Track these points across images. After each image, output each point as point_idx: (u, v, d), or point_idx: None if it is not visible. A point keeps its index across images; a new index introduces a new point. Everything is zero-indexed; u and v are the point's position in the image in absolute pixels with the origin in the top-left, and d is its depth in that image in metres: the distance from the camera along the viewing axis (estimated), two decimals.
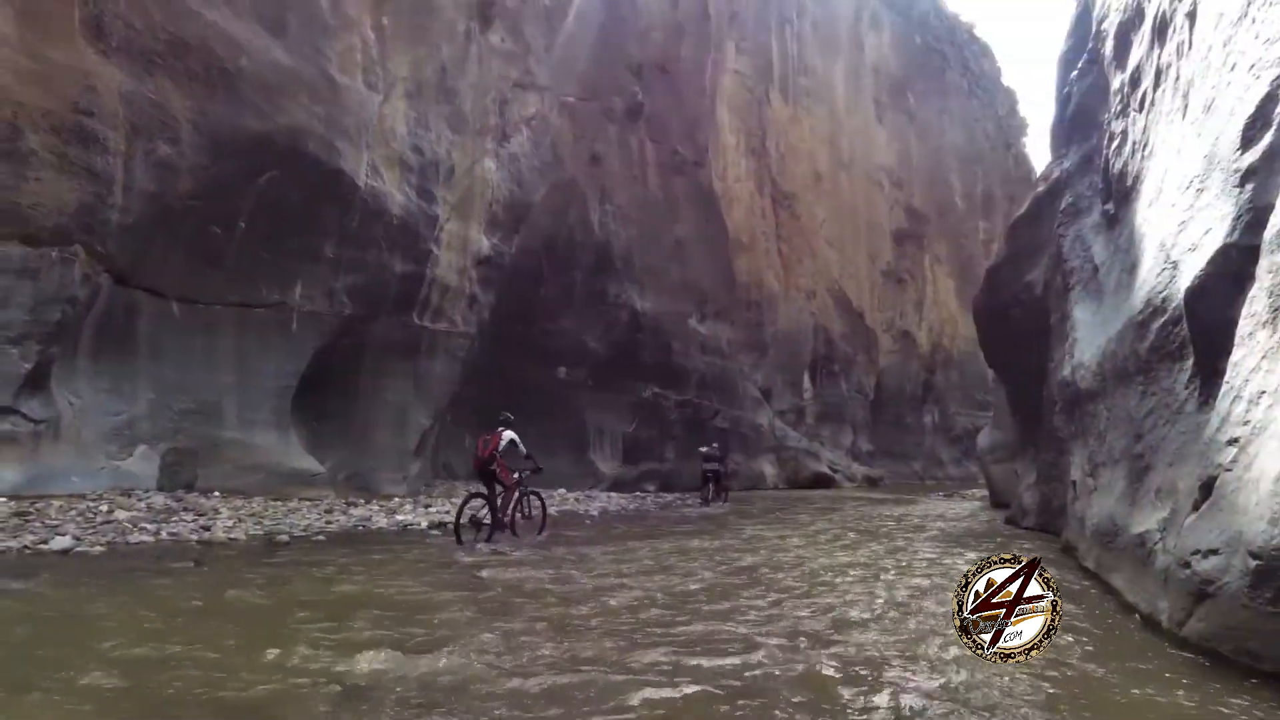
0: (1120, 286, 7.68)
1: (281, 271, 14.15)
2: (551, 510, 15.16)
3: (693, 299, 26.74)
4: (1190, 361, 5.26)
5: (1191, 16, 5.97)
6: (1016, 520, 13.02)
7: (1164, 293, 5.65)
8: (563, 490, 19.30)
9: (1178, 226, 5.52)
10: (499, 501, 10.27)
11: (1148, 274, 6.22)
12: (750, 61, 33.59)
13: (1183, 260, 5.33)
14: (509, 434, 10.47)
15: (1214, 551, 4.34)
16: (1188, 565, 4.62)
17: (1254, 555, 3.90)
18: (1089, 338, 8.77)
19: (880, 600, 6.17)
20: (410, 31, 15.95)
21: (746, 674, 4.10)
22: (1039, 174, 13.55)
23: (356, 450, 16.32)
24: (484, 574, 7.25)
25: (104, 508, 9.89)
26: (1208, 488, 4.62)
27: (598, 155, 22.11)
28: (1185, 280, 5.16)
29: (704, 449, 19.92)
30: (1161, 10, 6.77)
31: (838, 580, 7.10)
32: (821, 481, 29.87)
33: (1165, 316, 5.61)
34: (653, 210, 24.93)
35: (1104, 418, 7.70)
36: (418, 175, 16.09)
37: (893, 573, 7.57)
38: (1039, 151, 66.85)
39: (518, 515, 10.77)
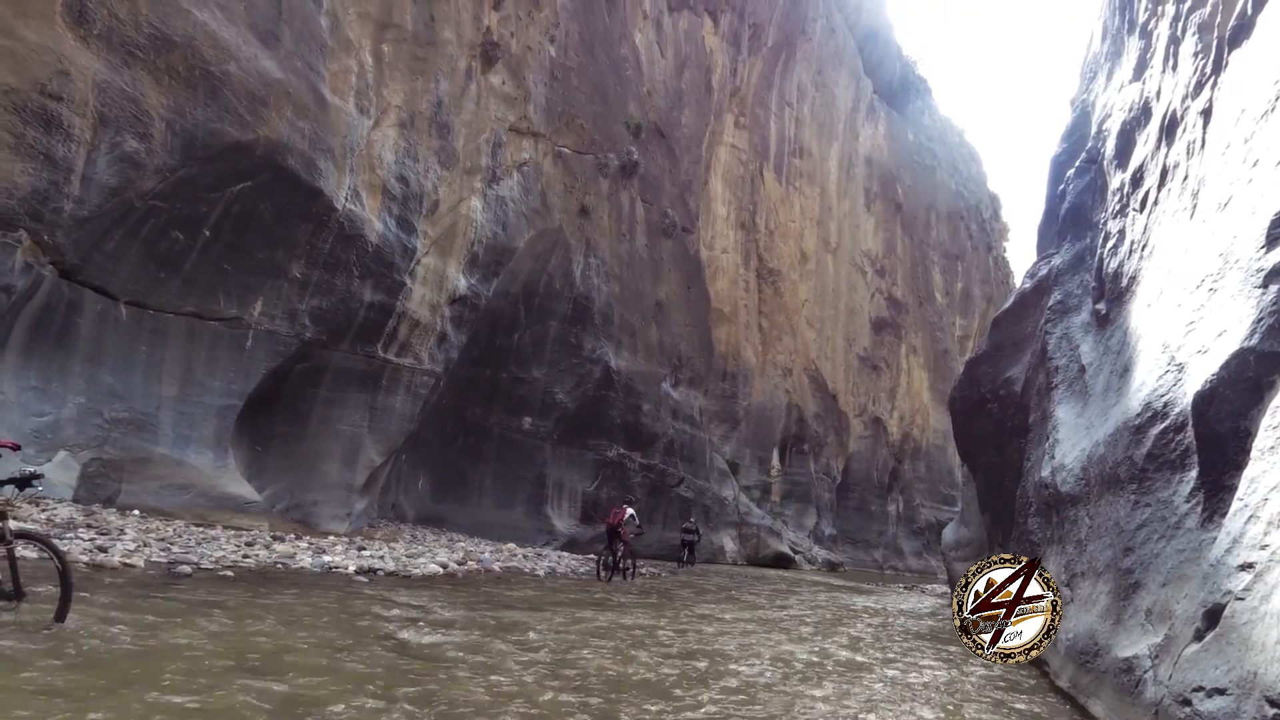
0: (1110, 389, 7.33)
1: (243, 285, 13.55)
2: (496, 566, 14.50)
3: (668, 363, 26.38)
4: (1194, 473, 4.82)
5: (1206, 114, 5.78)
6: None
7: (1166, 397, 5.27)
8: (513, 545, 18.40)
9: (1185, 327, 5.17)
10: (619, 553, 15.38)
11: (1146, 376, 5.85)
12: (748, 137, 34.20)
13: (1190, 363, 4.96)
14: (630, 510, 15.85)
15: (1220, 691, 3.81)
16: (1188, 703, 4.07)
17: (1272, 702, 3.38)
18: (1072, 439, 8.37)
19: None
20: (410, 62, 15.80)
21: None
22: (1025, 271, 13.47)
23: (299, 481, 15.46)
24: (404, 635, 6.49)
25: None
26: (1213, 616, 4.11)
27: (587, 208, 21.96)
28: (1193, 384, 4.77)
29: (686, 523, 23.00)
30: (1171, 109, 6.62)
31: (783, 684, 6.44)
32: (782, 561, 29.15)
33: (1166, 422, 5.21)
34: (637, 269, 24.75)
35: (1085, 525, 7.23)
36: (400, 205, 15.71)
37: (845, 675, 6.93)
38: (1018, 258, 68.58)
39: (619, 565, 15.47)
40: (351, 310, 15.23)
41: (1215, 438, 4.59)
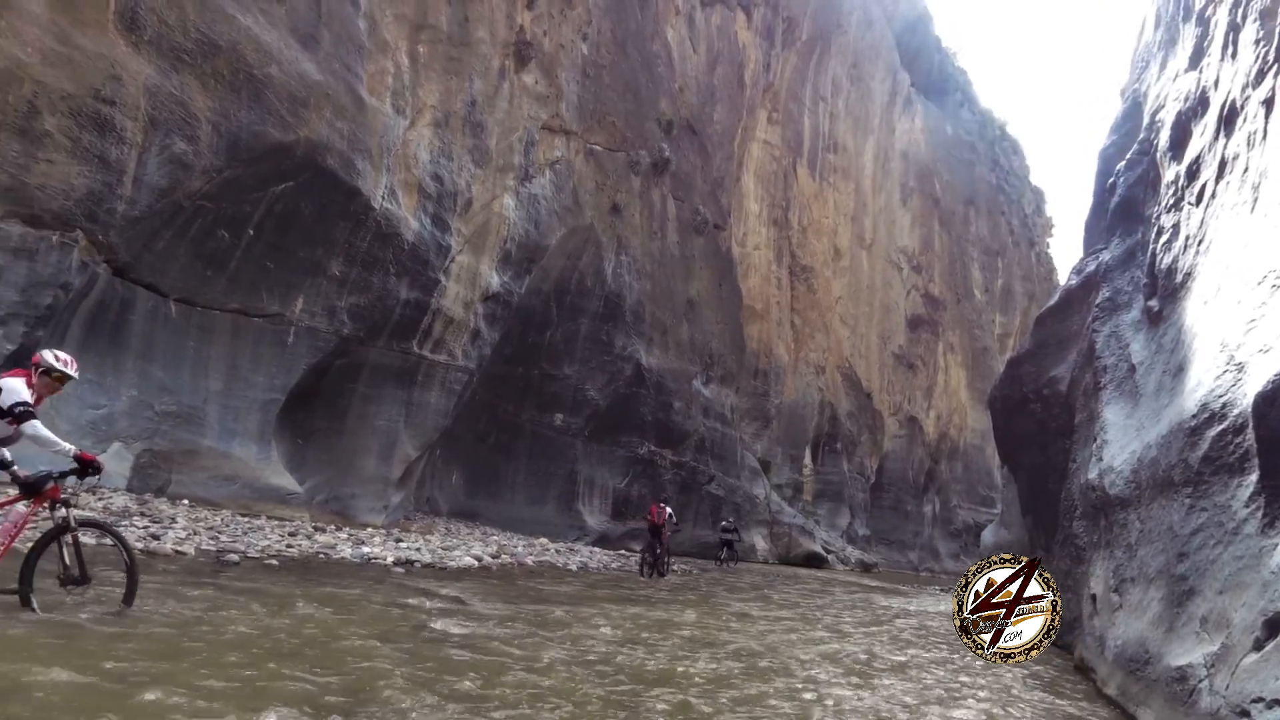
0: (1163, 388, 7.14)
1: (284, 283, 13.80)
2: (529, 561, 14.62)
3: (700, 360, 26.30)
4: (1254, 477, 4.67)
5: (1268, 104, 5.58)
6: None
7: (1224, 397, 5.11)
8: (544, 540, 18.53)
9: (1245, 325, 5.01)
10: (658, 550, 15.84)
11: (1203, 376, 5.68)
12: (781, 133, 33.91)
13: (1251, 362, 4.80)
14: (668, 509, 16.74)
15: None
16: (1246, 714, 3.96)
17: None
18: (1121, 441, 8.17)
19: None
20: (445, 62, 15.94)
21: None
22: (1071, 267, 13.16)
23: (338, 474, 15.72)
24: (452, 628, 6.57)
25: None
26: (1274, 625, 3.99)
27: (619, 206, 21.96)
28: (1254, 385, 4.62)
29: (724, 522, 23.40)
30: (1230, 99, 6.41)
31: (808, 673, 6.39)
32: (814, 561, 28.92)
33: (1224, 424, 5.05)
34: (668, 266, 24.70)
35: (1136, 529, 7.05)
36: (435, 204, 15.87)
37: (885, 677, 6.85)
38: (1062, 254, 67.17)
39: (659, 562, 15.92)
40: (388, 307, 15.43)
41: (1277, 440, 4.44)
